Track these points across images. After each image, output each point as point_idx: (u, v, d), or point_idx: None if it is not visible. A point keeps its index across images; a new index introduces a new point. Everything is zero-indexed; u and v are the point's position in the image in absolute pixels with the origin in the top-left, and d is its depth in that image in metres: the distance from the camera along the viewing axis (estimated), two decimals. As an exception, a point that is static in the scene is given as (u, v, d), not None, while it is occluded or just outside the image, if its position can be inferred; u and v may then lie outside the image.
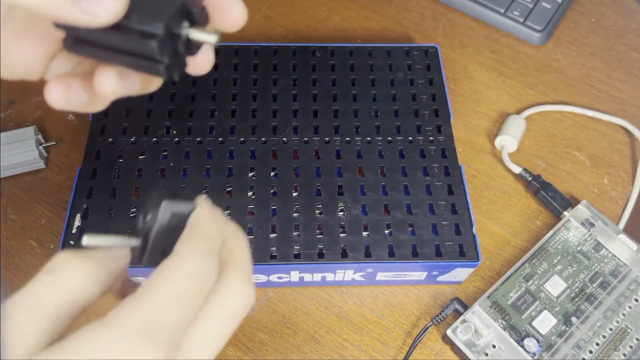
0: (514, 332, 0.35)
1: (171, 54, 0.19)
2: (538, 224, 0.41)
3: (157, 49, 0.18)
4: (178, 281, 0.17)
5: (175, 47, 0.19)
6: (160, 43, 0.18)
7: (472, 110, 0.46)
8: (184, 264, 0.17)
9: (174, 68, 0.19)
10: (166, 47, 0.19)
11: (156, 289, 0.17)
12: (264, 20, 0.50)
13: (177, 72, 0.20)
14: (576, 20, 0.53)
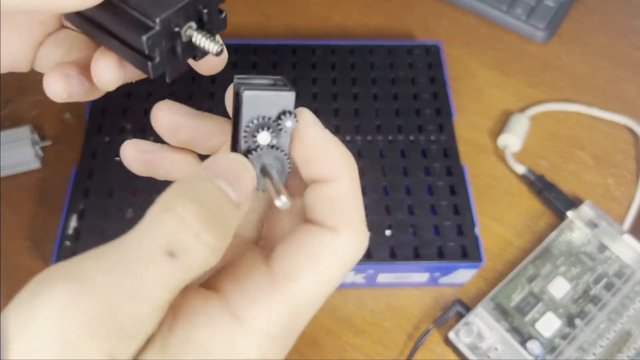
0: (517, 334, 0.34)
1: (165, 53, 0.18)
2: (541, 224, 0.40)
3: (146, 43, 0.17)
4: (330, 277, 0.17)
5: (173, 47, 0.18)
6: (152, 38, 0.17)
7: (475, 109, 0.46)
8: (340, 250, 0.17)
9: (165, 68, 0.18)
10: (159, 44, 0.17)
11: (303, 283, 0.16)
12: (264, 17, 0.50)
13: (171, 73, 0.18)
14: (580, 18, 0.52)
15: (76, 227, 0.34)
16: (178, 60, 0.18)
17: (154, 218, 0.14)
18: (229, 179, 0.16)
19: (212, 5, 0.18)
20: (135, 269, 0.13)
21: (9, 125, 0.42)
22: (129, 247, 0.14)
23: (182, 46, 0.18)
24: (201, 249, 0.14)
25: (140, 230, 0.14)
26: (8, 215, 0.39)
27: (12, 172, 0.40)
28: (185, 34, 0.18)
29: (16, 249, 0.38)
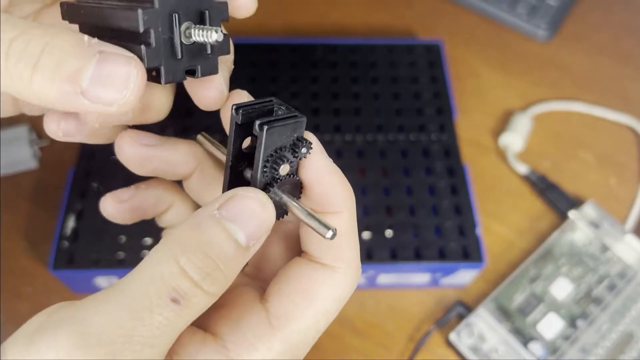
0: (518, 335, 0.34)
1: (162, 43, 0.17)
2: (543, 224, 0.40)
3: (142, 17, 0.16)
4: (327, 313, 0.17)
5: (171, 40, 0.17)
6: (149, 14, 0.16)
7: (477, 108, 0.46)
8: (336, 287, 0.17)
9: (160, 61, 0.17)
10: (155, 27, 0.16)
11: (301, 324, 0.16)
12: (263, 15, 0.49)
13: (166, 73, 0.17)
14: (582, 16, 0.52)
15: (74, 228, 0.34)
16: (175, 59, 0.17)
17: (159, 262, 0.15)
18: (242, 221, 0.16)
19: (215, 11, 0.18)
20: (140, 315, 0.14)
21: (7, 124, 0.42)
22: (134, 292, 0.14)
23: (182, 46, 0.17)
24: (203, 296, 0.15)
25: (144, 274, 0.14)
26: (5, 215, 0.39)
27: (10, 172, 0.40)
28: (185, 32, 0.17)
29: (13, 249, 0.37)
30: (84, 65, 0.15)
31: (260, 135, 0.17)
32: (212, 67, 0.18)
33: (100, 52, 0.16)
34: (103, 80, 0.15)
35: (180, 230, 0.15)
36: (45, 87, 0.15)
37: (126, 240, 0.34)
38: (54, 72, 0.15)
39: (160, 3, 0.17)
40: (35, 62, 0.15)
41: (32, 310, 0.15)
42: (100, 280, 0.34)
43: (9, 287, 0.36)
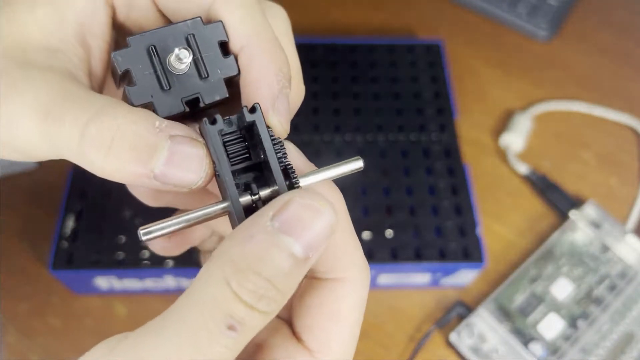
0: (519, 335, 0.34)
1: (147, 80, 0.17)
2: (544, 224, 0.40)
3: (114, 59, 0.17)
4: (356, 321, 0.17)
5: (157, 76, 0.17)
6: (123, 55, 0.17)
7: (477, 108, 0.45)
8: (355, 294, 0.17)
9: (148, 97, 0.17)
10: (135, 66, 0.17)
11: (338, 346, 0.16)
12: (263, 15, 0.49)
13: (161, 108, 0.17)
14: (583, 16, 0.52)
15: (73, 228, 0.34)
16: (167, 92, 0.17)
17: (210, 285, 0.14)
18: (298, 231, 0.14)
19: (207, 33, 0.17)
20: (199, 344, 0.13)
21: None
22: (189, 320, 0.14)
23: (167, 77, 0.17)
24: (259, 318, 0.14)
25: (197, 299, 0.14)
26: (5, 215, 0.39)
27: (10, 172, 0.40)
28: (170, 61, 0.17)
29: (13, 249, 0.37)
30: (155, 153, 0.16)
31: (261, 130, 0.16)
32: (217, 90, 0.18)
33: (172, 137, 0.16)
34: (175, 166, 0.16)
35: (230, 247, 0.14)
36: (118, 171, 0.16)
37: (126, 240, 0.34)
38: (126, 158, 0.16)
39: (134, 42, 0.17)
40: (107, 147, 0.16)
41: (31, 311, 0.15)
42: (100, 281, 0.34)
43: (9, 287, 0.36)
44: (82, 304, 0.35)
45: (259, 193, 0.17)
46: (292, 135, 0.41)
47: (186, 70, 0.17)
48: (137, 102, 0.17)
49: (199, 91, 0.18)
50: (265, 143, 0.16)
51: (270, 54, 0.18)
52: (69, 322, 0.35)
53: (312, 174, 0.17)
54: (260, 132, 0.16)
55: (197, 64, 0.18)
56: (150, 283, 0.34)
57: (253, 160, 0.17)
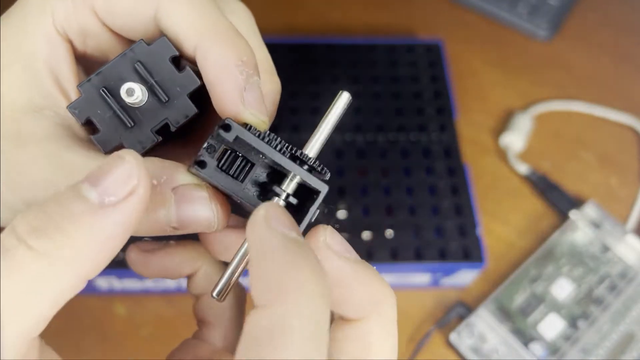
0: (519, 335, 0.34)
1: (109, 122, 0.17)
2: (544, 225, 0.40)
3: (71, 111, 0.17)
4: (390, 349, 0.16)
5: (116, 115, 0.17)
6: (76, 106, 0.17)
7: (477, 108, 0.45)
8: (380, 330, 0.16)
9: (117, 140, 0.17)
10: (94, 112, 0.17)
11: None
12: (261, 14, 0.49)
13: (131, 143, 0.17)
14: (584, 15, 0.52)
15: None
16: (131, 129, 0.17)
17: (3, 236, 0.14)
18: (93, 179, 0.14)
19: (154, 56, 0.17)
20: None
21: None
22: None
23: (127, 114, 0.17)
24: (27, 253, 0.13)
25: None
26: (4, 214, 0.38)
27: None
28: (126, 95, 0.17)
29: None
30: (166, 210, 0.16)
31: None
32: (184, 110, 0.17)
33: (174, 190, 0.16)
34: (189, 217, 0.16)
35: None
36: (140, 227, 0.16)
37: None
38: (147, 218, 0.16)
39: (84, 89, 0.17)
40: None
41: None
42: (100, 281, 0.34)
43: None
44: (81, 304, 0.35)
45: (284, 189, 0.17)
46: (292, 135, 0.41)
47: (145, 100, 0.17)
48: (106, 148, 0.17)
49: (165, 117, 0.17)
50: (259, 148, 0.16)
51: (227, 45, 0.17)
52: (68, 322, 0.35)
53: (313, 139, 0.17)
54: (248, 141, 0.16)
55: (154, 89, 0.17)
56: (150, 283, 0.34)
57: (257, 163, 0.17)
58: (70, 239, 0.14)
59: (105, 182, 0.14)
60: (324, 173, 0.17)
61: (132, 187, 0.14)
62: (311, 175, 0.16)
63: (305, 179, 0.16)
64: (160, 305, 0.36)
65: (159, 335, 0.35)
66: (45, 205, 0.14)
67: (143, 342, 0.34)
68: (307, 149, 0.17)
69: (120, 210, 0.14)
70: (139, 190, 0.14)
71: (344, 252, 0.16)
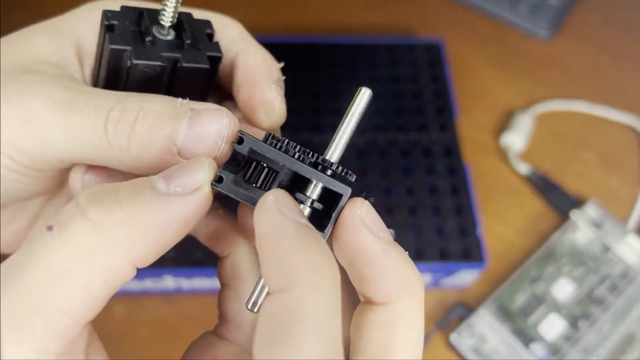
0: (520, 336, 0.34)
1: (129, 32, 0.18)
2: (545, 225, 0.40)
3: (104, 14, 0.18)
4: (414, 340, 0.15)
5: (140, 32, 0.18)
6: (112, 13, 0.18)
7: (478, 107, 0.45)
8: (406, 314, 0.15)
9: (128, 44, 0.18)
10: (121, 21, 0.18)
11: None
12: (262, 14, 0.49)
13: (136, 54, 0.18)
14: (584, 15, 0.52)
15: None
16: (145, 45, 0.18)
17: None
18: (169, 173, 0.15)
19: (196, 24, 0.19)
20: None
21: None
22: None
23: (156, 41, 0.18)
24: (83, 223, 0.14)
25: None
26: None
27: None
28: (154, 28, 0.18)
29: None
30: (177, 125, 0.16)
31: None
32: (199, 60, 0.18)
33: (192, 109, 0.16)
34: (198, 136, 0.16)
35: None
36: (143, 151, 0.16)
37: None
38: (150, 134, 0.15)
39: (126, 8, 0.18)
40: (131, 127, 0.16)
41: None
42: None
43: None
44: (81, 305, 0.35)
45: (309, 196, 0.16)
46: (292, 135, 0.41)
47: (171, 37, 0.18)
48: (114, 44, 0.17)
49: (179, 54, 0.18)
50: (278, 159, 0.16)
51: (262, 50, 0.21)
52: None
53: (334, 143, 0.16)
54: (264, 153, 0.16)
55: (182, 31, 0.18)
56: (150, 283, 0.34)
57: (280, 171, 0.17)
58: (128, 217, 0.14)
59: (178, 177, 0.14)
60: (349, 176, 0.17)
61: (200, 184, 0.15)
62: (334, 180, 0.16)
63: (327, 185, 0.16)
64: (160, 305, 0.35)
65: (159, 335, 0.34)
66: (115, 184, 0.14)
67: (142, 343, 0.34)
68: (329, 153, 0.16)
69: (183, 202, 0.14)
70: (204, 188, 0.15)
71: (377, 230, 0.15)
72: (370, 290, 0.15)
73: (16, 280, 0.13)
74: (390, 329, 0.15)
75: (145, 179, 0.15)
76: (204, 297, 0.36)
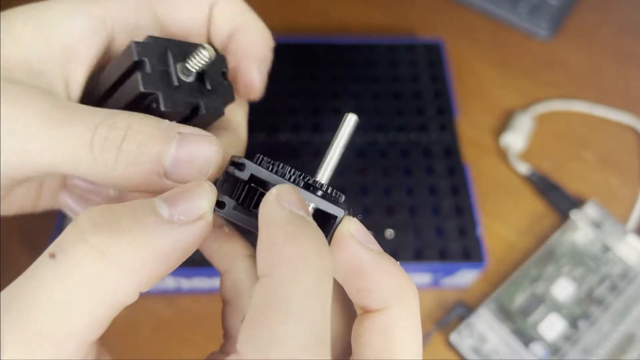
0: (520, 336, 0.34)
1: (157, 71, 0.18)
2: (545, 225, 0.40)
3: (135, 47, 0.17)
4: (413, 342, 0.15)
5: (166, 72, 0.18)
6: (142, 45, 0.17)
7: (478, 107, 0.45)
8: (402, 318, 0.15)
9: (156, 88, 0.17)
10: (150, 56, 0.17)
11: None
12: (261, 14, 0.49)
13: (165, 100, 0.18)
14: (584, 15, 0.52)
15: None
16: (173, 89, 0.18)
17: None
18: (172, 199, 0.15)
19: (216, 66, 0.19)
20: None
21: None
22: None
23: (178, 77, 0.18)
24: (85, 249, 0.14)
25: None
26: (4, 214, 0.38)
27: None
28: (183, 70, 0.18)
29: (13, 249, 0.37)
30: (165, 147, 0.16)
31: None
32: (217, 105, 0.19)
33: (179, 132, 0.16)
34: (185, 161, 0.16)
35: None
36: (129, 170, 0.16)
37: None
38: (137, 155, 0.15)
39: (153, 39, 0.17)
40: (118, 146, 0.15)
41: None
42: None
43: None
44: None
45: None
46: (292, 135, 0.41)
47: (191, 81, 0.18)
48: (146, 88, 0.17)
49: (201, 100, 0.18)
50: (273, 181, 0.16)
51: (260, 33, 0.21)
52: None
53: (324, 165, 0.17)
54: (262, 177, 0.16)
55: (204, 77, 0.19)
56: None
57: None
58: (131, 244, 0.14)
59: (180, 202, 0.15)
60: (338, 197, 0.17)
61: (203, 212, 0.15)
62: (326, 202, 0.16)
63: (320, 207, 0.16)
64: (160, 305, 0.35)
65: (158, 335, 0.34)
66: (113, 206, 0.14)
67: (142, 343, 0.34)
68: (319, 175, 0.17)
69: (186, 230, 0.14)
70: (207, 216, 0.15)
71: (367, 242, 0.16)
72: (366, 299, 0.16)
73: (21, 309, 0.13)
74: (388, 333, 0.15)
75: (145, 202, 0.14)
76: (204, 297, 0.36)
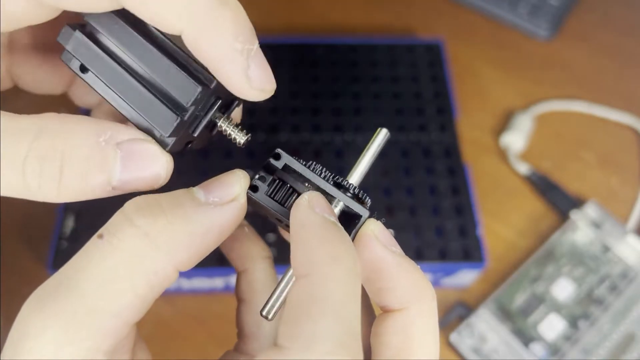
0: (520, 336, 0.34)
1: (190, 120, 0.17)
2: (544, 225, 0.40)
3: (195, 95, 0.16)
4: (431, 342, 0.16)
5: (195, 120, 0.17)
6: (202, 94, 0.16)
7: (477, 108, 0.45)
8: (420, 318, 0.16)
9: (179, 133, 0.17)
10: (197, 105, 0.17)
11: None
12: (262, 14, 0.49)
13: (176, 146, 0.17)
14: (584, 16, 0.52)
15: (73, 228, 0.34)
16: (187, 134, 0.18)
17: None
18: (208, 185, 0.16)
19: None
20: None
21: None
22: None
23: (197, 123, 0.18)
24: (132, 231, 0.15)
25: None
26: (5, 215, 0.38)
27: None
28: (213, 116, 0.18)
29: (13, 249, 0.37)
30: (109, 172, 0.16)
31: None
32: (206, 142, 0.19)
33: (119, 144, 0.15)
34: (133, 180, 0.16)
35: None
36: (76, 196, 0.16)
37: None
38: (81, 187, 0.15)
39: (215, 85, 0.17)
40: (58, 180, 0.15)
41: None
42: (100, 281, 0.34)
43: (9, 287, 0.36)
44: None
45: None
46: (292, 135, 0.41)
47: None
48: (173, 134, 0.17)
49: (195, 140, 0.18)
50: (306, 175, 0.17)
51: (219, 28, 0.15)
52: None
53: (355, 170, 0.18)
54: (296, 168, 0.17)
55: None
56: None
57: (302, 192, 0.18)
58: (172, 224, 0.15)
59: (215, 189, 0.16)
60: (365, 200, 0.18)
61: (235, 195, 0.16)
62: (353, 201, 0.17)
63: (348, 205, 0.17)
64: (160, 305, 0.35)
65: (158, 335, 0.35)
66: (156, 194, 0.15)
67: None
68: (350, 177, 0.18)
69: (221, 211, 0.16)
70: (240, 199, 0.16)
71: (389, 245, 0.17)
72: (386, 299, 0.16)
73: (70, 284, 0.14)
74: (407, 332, 0.16)
75: (185, 190, 0.16)
76: (204, 297, 0.36)
